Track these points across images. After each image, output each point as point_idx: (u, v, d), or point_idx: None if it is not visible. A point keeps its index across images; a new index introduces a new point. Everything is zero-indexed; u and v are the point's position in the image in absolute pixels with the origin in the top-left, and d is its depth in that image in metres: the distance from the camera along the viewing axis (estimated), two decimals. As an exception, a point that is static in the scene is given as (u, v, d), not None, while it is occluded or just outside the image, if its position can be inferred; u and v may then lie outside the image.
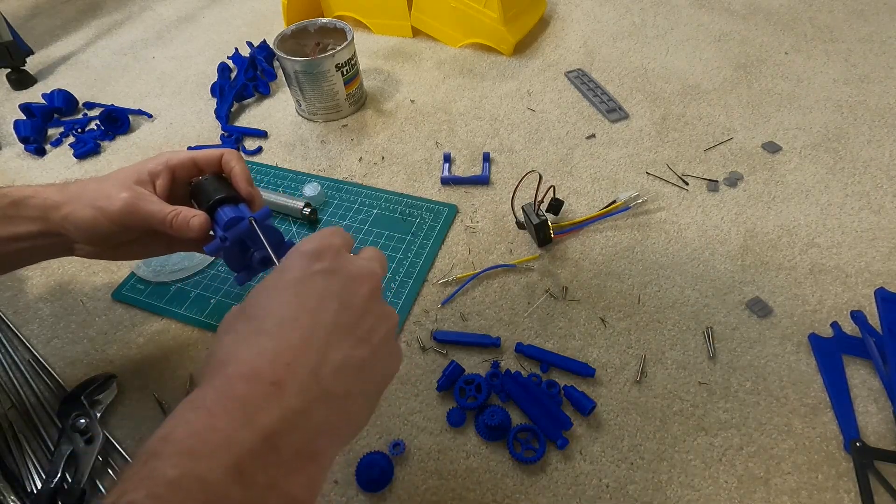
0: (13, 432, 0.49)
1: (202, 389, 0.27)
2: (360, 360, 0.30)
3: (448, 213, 0.65)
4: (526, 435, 0.45)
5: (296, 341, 0.29)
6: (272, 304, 0.30)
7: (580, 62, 0.87)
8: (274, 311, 0.30)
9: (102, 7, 1.16)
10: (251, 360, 0.28)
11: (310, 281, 0.31)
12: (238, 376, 0.27)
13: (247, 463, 0.24)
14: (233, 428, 0.25)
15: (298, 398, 0.27)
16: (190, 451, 0.24)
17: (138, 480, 0.23)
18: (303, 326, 0.29)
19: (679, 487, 0.43)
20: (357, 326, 0.31)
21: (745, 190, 0.65)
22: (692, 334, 0.52)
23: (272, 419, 0.26)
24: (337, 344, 0.29)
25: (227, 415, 0.25)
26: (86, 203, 0.42)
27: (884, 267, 0.56)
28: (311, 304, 0.30)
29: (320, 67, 0.74)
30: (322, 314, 0.30)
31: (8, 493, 0.45)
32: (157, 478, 0.23)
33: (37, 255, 0.45)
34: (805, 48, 0.86)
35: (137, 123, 0.84)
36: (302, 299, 0.30)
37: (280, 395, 0.26)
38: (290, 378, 0.27)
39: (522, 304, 0.56)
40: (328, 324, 0.30)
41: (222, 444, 0.24)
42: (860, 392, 0.47)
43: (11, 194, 0.43)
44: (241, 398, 0.26)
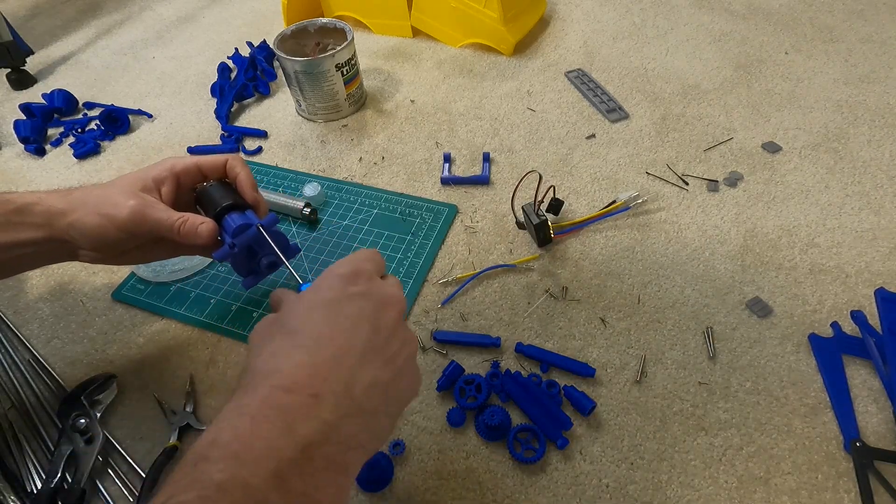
0: (13, 432, 0.49)
1: (247, 396, 0.29)
2: (387, 380, 0.32)
3: (448, 213, 0.65)
4: (526, 435, 0.45)
5: (331, 359, 0.30)
6: (310, 322, 0.32)
7: (580, 62, 0.87)
8: (311, 328, 0.32)
9: (102, 7, 1.16)
10: (292, 373, 0.29)
11: (345, 303, 0.33)
12: (280, 387, 0.29)
13: (286, 470, 0.26)
14: (275, 436, 0.26)
15: (333, 412, 0.29)
16: (236, 455, 0.26)
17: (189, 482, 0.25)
18: (338, 345, 0.31)
19: (679, 487, 0.43)
20: (385, 349, 0.32)
21: (745, 190, 0.65)
22: (692, 334, 0.52)
23: (310, 430, 0.27)
24: (368, 364, 0.31)
25: (270, 423, 0.27)
26: (92, 210, 0.43)
27: (884, 267, 0.56)
28: (346, 325, 0.32)
29: (320, 67, 0.74)
30: (355, 335, 0.32)
31: (8, 493, 0.45)
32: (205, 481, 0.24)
33: (40, 260, 0.46)
34: (805, 48, 0.86)
35: (137, 123, 0.84)
36: (338, 319, 0.32)
37: (318, 407, 0.28)
38: (326, 392, 0.29)
39: (522, 304, 0.56)
40: (361, 344, 0.31)
41: (265, 451, 0.26)
42: (860, 392, 0.47)
43: (15, 201, 0.43)
44: (283, 408, 0.28)
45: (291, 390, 0.29)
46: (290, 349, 0.31)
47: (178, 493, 0.24)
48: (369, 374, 0.31)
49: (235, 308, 0.57)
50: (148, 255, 0.48)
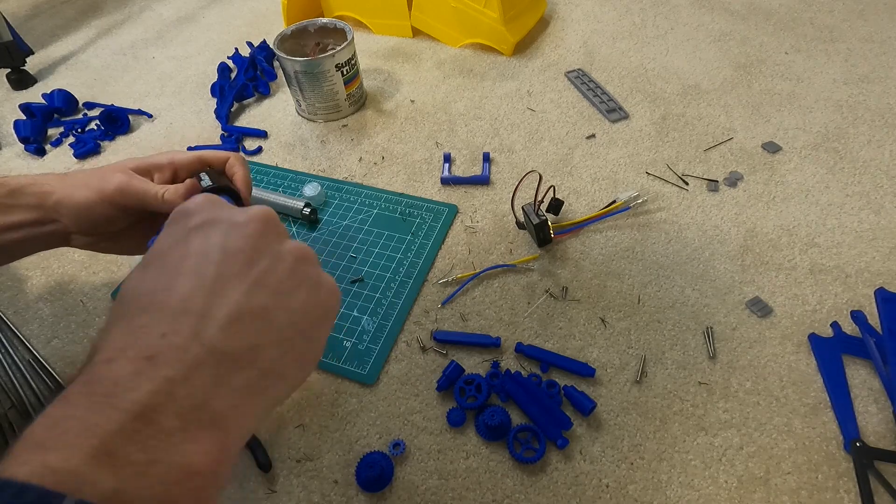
0: (13, 432, 0.49)
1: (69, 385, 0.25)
2: (258, 307, 0.27)
3: (448, 213, 0.65)
4: (526, 435, 0.45)
5: (172, 308, 0.26)
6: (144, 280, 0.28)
7: (580, 62, 0.87)
8: (146, 286, 0.27)
9: (102, 7, 1.16)
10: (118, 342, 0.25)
11: (186, 241, 0.28)
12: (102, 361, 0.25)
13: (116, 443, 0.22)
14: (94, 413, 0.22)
15: (176, 366, 0.24)
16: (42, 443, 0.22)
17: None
18: (180, 291, 0.26)
19: (679, 487, 0.43)
20: (247, 272, 0.27)
21: (745, 190, 0.65)
22: (692, 334, 0.52)
23: (142, 394, 0.23)
24: (223, 298, 0.26)
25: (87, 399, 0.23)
26: (81, 185, 0.43)
27: (884, 267, 0.56)
28: (189, 265, 0.27)
29: (320, 67, 0.74)
30: (201, 271, 0.27)
31: (8, 493, 0.45)
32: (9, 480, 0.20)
33: (34, 245, 0.45)
34: (805, 48, 0.86)
35: (137, 123, 0.84)
36: (179, 263, 0.27)
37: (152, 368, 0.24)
38: (164, 348, 0.25)
39: (522, 304, 0.56)
40: (210, 279, 0.27)
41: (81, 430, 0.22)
42: (860, 392, 0.47)
43: (9, 183, 0.43)
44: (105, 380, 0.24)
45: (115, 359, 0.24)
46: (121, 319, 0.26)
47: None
48: (227, 308, 0.26)
49: (235, 308, 0.57)
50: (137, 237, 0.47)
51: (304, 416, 0.49)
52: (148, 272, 0.28)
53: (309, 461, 0.46)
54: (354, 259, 0.61)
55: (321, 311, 0.30)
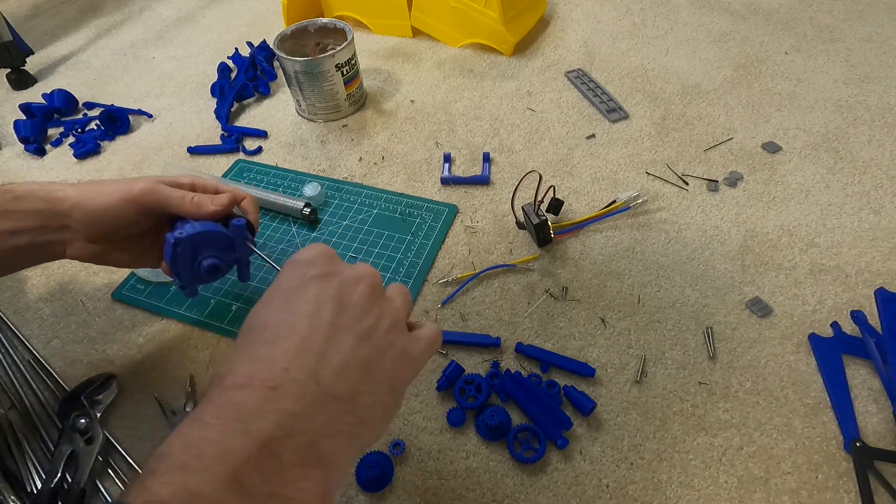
0: (13, 432, 0.49)
1: (200, 404, 0.27)
2: (363, 358, 0.30)
3: (448, 213, 0.65)
4: (526, 435, 0.45)
5: (293, 346, 0.28)
6: (269, 314, 0.31)
7: (580, 62, 0.87)
8: (271, 320, 0.30)
9: (102, 7, 1.16)
10: (247, 370, 0.28)
11: (305, 287, 0.31)
12: (234, 386, 0.27)
13: (245, 472, 0.24)
14: (228, 438, 0.25)
15: (296, 401, 0.27)
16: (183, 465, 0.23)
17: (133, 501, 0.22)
18: (300, 331, 0.29)
19: (679, 487, 0.43)
20: (357, 325, 0.30)
21: (745, 190, 0.65)
22: (692, 334, 0.52)
23: (269, 424, 0.25)
24: (336, 345, 0.29)
25: (222, 424, 0.25)
26: (102, 190, 0.44)
27: (884, 267, 0.56)
28: (308, 309, 0.30)
29: (320, 67, 0.74)
30: (319, 317, 0.30)
31: (8, 493, 0.45)
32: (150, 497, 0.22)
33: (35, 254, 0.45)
34: (805, 48, 0.86)
35: (137, 123, 0.84)
36: (298, 305, 0.30)
37: (276, 399, 0.26)
38: (287, 381, 0.27)
39: (522, 304, 0.56)
40: (326, 326, 0.30)
41: (217, 455, 0.24)
42: (860, 392, 0.47)
43: (15, 190, 0.43)
44: (236, 406, 0.26)
45: (245, 386, 0.27)
46: (247, 347, 0.29)
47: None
48: (339, 356, 0.29)
49: (235, 308, 0.57)
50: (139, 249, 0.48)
51: (304, 416, 0.49)
52: (272, 307, 0.31)
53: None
54: (354, 259, 0.61)
55: (406, 371, 0.33)
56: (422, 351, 0.34)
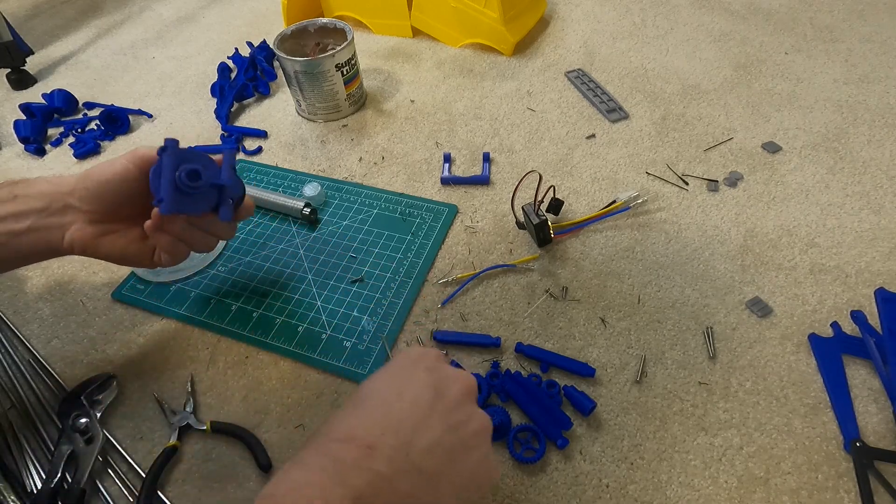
0: (13, 432, 0.49)
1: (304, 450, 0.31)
2: (450, 445, 0.33)
3: (448, 213, 0.65)
4: (526, 435, 0.45)
5: (392, 417, 0.32)
6: (376, 387, 0.35)
7: (580, 62, 0.87)
8: (377, 392, 0.34)
9: (102, 7, 1.16)
10: (349, 427, 0.32)
11: (411, 372, 0.35)
12: (336, 439, 0.31)
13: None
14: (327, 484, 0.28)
15: (388, 465, 0.30)
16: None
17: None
18: (401, 407, 0.33)
19: (679, 487, 0.43)
20: (450, 416, 0.34)
21: (745, 190, 0.65)
22: (692, 334, 0.52)
23: (363, 481, 0.28)
24: (429, 426, 0.32)
25: (323, 471, 0.28)
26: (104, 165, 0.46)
27: (884, 267, 0.56)
28: (411, 391, 0.34)
29: (320, 67, 0.74)
30: (419, 400, 0.33)
31: (8, 493, 0.45)
32: None
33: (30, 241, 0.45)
34: (805, 48, 0.86)
35: (137, 123, 0.84)
36: (403, 386, 0.34)
37: (371, 458, 0.30)
38: (382, 445, 0.30)
39: (522, 304, 0.56)
40: (423, 408, 0.33)
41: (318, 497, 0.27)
42: (860, 392, 0.47)
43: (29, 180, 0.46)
44: (336, 457, 0.29)
45: (346, 441, 0.30)
46: (353, 409, 0.33)
47: None
48: (430, 437, 0.32)
49: (235, 308, 0.57)
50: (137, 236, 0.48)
51: (304, 416, 0.49)
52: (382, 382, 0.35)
53: (309, 461, 0.46)
54: (354, 259, 0.61)
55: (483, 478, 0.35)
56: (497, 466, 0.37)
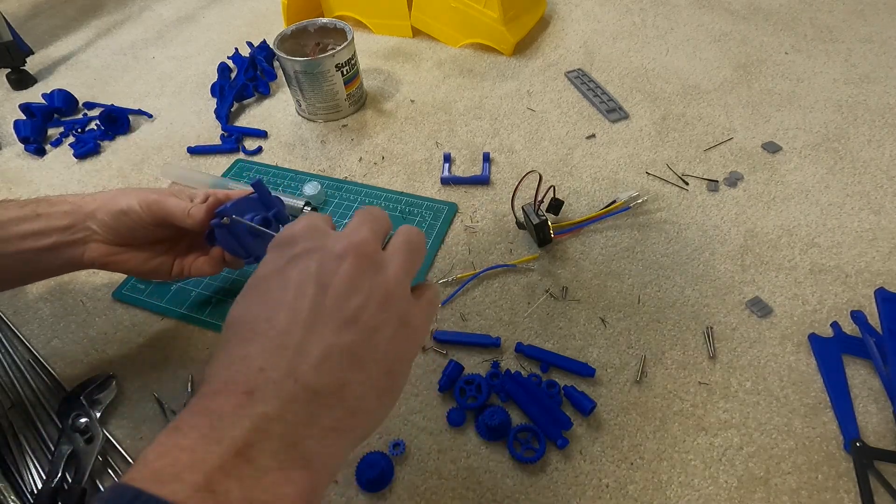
0: (13, 432, 0.49)
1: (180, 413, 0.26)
2: (349, 344, 0.27)
3: (448, 212, 0.65)
4: (526, 435, 0.45)
5: (270, 343, 0.27)
6: (247, 309, 0.29)
7: (580, 62, 0.87)
8: (249, 315, 0.28)
9: (102, 7, 1.16)
10: (224, 374, 0.27)
11: (285, 271, 0.29)
12: (209, 393, 0.26)
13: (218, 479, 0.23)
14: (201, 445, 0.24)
15: (273, 403, 0.25)
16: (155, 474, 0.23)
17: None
18: (278, 325, 0.27)
19: (679, 487, 0.43)
20: (340, 309, 0.28)
21: (745, 190, 0.65)
22: (692, 334, 0.52)
23: (243, 430, 0.24)
24: (316, 334, 0.27)
25: (196, 432, 0.24)
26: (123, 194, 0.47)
27: (884, 267, 0.56)
28: (287, 297, 0.28)
29: (320, 67, 0.74)
30: (299, 304, 0.27)
31: (8, 493, 0.45)
32: None
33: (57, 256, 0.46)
34: (805, 48, 0.86)
35: (137, 123, 0.84)
36: (277, 294, 0.28)
37: (252, 403, 0.25)
38: (262, 382, 0.26)
39: (522, 304, 0.56)
40: (305, 314, 0.27)
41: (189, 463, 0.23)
42: (860, 392, 0.47)
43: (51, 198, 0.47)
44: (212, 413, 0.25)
45: (220, 392, 0.26)
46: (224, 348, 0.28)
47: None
48: (319, 346, 0.27)
49: (235, 308, 0.57)
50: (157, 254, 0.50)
51: (304, 416, 0.49)
52: (250, 300, 0.29)
53: (309, 461, 0.46)
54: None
55: (404, 348, 0.30)
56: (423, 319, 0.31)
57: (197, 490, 0.22)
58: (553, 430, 0.45)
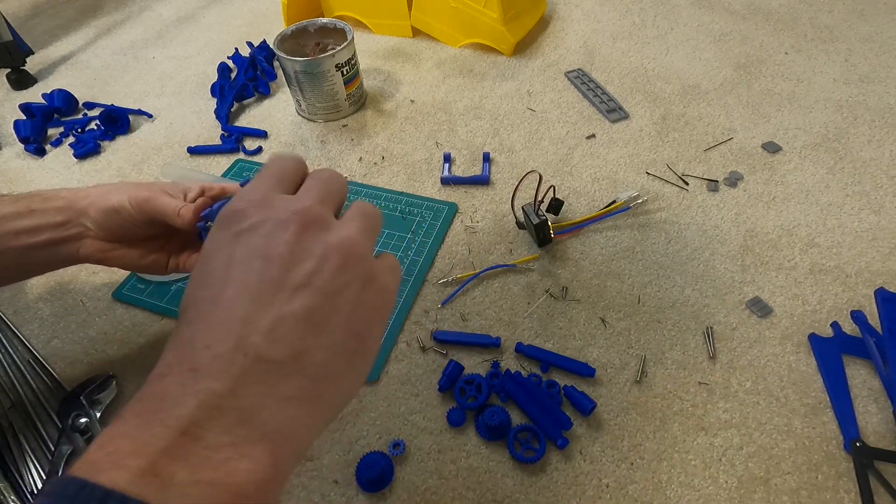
0: (13, 432, 0.49)
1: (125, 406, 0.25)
2: (302, 310, 0.26)
3: (448, 211, 0.65)
4: (526, 435, 0.45)
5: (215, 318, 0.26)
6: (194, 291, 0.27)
7: (580, 62, 0.87)
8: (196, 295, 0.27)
9: (102, 7, 1.16)
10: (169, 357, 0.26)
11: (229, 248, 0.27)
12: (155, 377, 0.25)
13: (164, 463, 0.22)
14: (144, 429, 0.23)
15: (221, 377, 0.24)
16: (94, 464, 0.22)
17: None
18: (224, 302, 0.26)
19: (679, 487, 0.43)
20: (289, 276, 0.26)
21: (745, 190, 0.65)
22: (692, 334, 0.52)
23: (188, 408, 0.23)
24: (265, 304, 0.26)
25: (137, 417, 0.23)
26: (115, 190, 0.46)
27: (884, 267, 0.56)
28: (233, 273, 0.26)
29: (320, 67, 0.74)
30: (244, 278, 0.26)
31: (8, 493, 0.45)
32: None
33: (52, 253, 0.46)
34: (805, 48, 0.86)
35: (137, 123, 0.84)
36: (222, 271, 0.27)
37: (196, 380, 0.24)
38: (208, 359, 0.24)
39: (522, 304, 0.56)
40: (251, 286, 0.26)
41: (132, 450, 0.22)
42: (860, 392, 0.47)
43: (44, 193, 0.46)
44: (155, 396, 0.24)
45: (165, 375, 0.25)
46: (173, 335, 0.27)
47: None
48: (268, 316, 0.25)
49: (235, 308, 0.57)
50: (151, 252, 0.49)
51: (304, 416, 0.49)
52: (197, 281, 0.28)
53: (309, 461, 0.46)
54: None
55: (372, 309, 0.28)
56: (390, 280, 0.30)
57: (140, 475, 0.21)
58: (553, 430, 0.45)
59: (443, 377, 0.49)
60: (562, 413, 0.46)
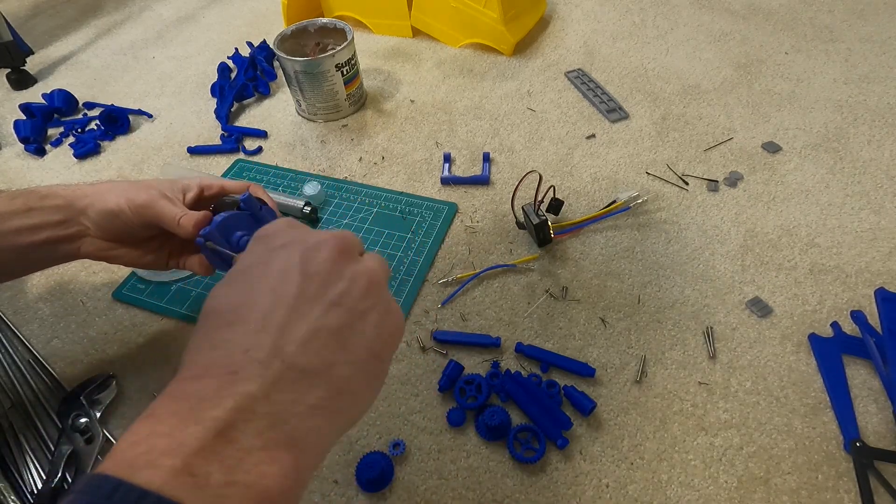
0: (13, 432, 0.49)
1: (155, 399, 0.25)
2: (335, 326, 0.28)
3: (448, 211, 0.65)
4: (526, 435, 0.45)
5: (254, 325, 0.27)
6: (230, 295, 0.29)
7: (580, 62, 0.87)
8: (232, 301, 0.29)
9: (102, 7, 1.16)
10: (205, 358, 0.26)
11: (267, 261, 0.30)
12: (188, 377, 0.26)
13: (198, 463, 0.22)
14: (179, 429, 0.23)
15: (258, 382, 0.25)
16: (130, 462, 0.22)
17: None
18: (261, 309, 0.27)
19: (679, 487, 0.43)
20: (324, 293, 0.28)
21: (745, 190, 0.65)
22: (692, 334, 0.52)
23: (225, 410, 0.23)
24: (301, 316, 0.27)
25: (173, 416, 0.23)
26: (113, 192, 0.45)
27: (884, 267, 0.56)
28: (271, 284, 0.28)
29: (320, 67, 0.74)
30: (282, 290, 0.28)
31: (8, 493, 0.45)
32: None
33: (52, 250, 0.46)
34: (805, 48, 0.86)
35: (137, 123, 0.84)
36: (260, 281, 0.29)
37: (234, 382, 0.25)
38: (246, 364, 0.25)
39: (522, 304, 0.56)
40: (290, 298, 0.28)
41: (167, 448, 0.22)
42: (860, 392, 0.47)
43: (40, 190, 0.45)
44: (191, 396, 0.24)
45: (201, 376, 0.25)
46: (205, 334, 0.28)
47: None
48: (304, 327, 0.27)
49: (235, 308, 0.57)
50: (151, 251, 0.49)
51: (304, 416, 0.49)
52: (232, 288, 0.29)
53: (309, 461, 0.46)
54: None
55: (388, 334, 0.31)
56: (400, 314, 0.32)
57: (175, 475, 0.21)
58: (553, 430, 0.45)
59: (443, 377, 0.49)
60: (562, 413, 0.46)
